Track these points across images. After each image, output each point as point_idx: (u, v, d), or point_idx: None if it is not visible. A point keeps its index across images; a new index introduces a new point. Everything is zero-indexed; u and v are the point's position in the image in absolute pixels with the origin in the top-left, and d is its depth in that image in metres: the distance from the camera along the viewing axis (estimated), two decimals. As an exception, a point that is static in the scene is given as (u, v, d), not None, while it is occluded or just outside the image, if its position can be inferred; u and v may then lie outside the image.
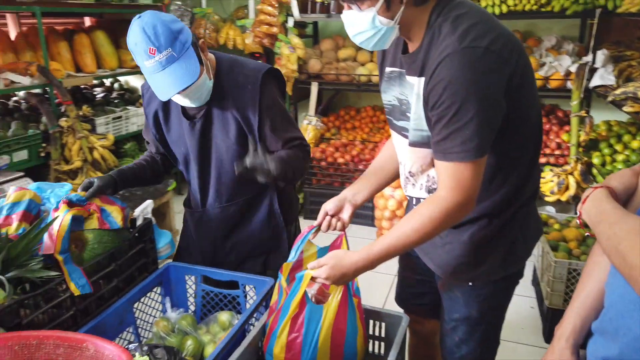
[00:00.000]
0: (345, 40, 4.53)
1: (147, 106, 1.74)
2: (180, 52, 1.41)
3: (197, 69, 1.44)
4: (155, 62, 1.39)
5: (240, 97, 1.60)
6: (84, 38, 3.90)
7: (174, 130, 1.73)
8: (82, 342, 1.15)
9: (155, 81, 1.44)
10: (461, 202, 1.18)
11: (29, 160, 3.19)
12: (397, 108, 1.36)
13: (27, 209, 1.52)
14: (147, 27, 1.38)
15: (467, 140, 1.13)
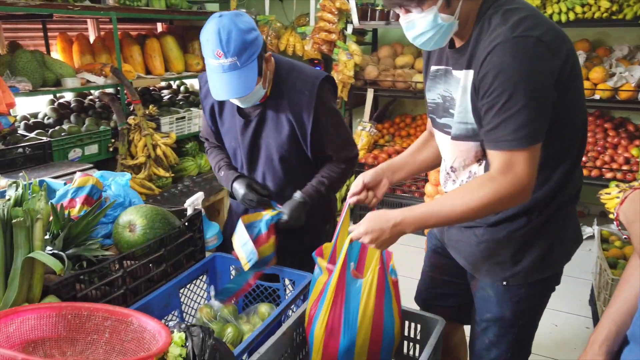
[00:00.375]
0: (404, 47, 4.53)
1: (205, 98, 1.80)
2: (244, 63, 1.47)
3: (254, 82, 1.50)
4: (218, 64, 1.45)
5: (297, 100, 1.65)
6: (155, 42, 4.14)
7: (227, 123, 1.79)
8: (127, 316, 1.24)
9: (213, 79, 1.51)
10: (515, 189, 1.16)
11: (98, 154, 3.42)
12: (440, 106, 1.36)
13: (89, 193, 1.65)
14: (222, 30, 1.43)
15: (519, 128, 1.12)
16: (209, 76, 1.53)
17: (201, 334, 1.11)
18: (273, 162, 1.76)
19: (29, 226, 1.21)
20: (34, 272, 1.23)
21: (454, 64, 1.29)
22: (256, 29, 1.52)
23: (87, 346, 1.21)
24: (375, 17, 4.22)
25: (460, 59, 1.26)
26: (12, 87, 2.78)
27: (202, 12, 4.36)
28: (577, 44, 3.97)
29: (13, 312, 1.12)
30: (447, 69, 1.32)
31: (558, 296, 2.89)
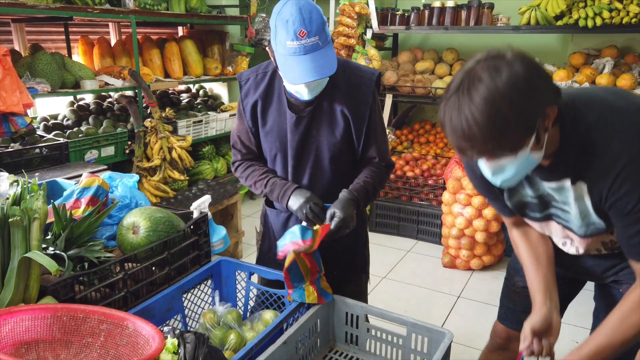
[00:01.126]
0: (424, 52, 4.46)
1: (245, 97, 1.69)
2: (324, 43, 1.42)
3: (335, 62, 1.44)
4: (300, 44, 1.38)
5: (353, 96, 1.60)
6: (174, 46, 4.17)
7: (270, 123, 1.68)
8: (123, 320, 1.21)
9: (290, 64, 1.42)
10: None
11: (114, 156, 3.45)
12: (533, 204, 1.34)
13: (94, 194, 1.63)
14: (304, 9, 1.37)
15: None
16: (285, 62, 1.43)
17: (195, 341, 1.08)
18: (322, 163, 1.68)
19: (26, 225, 1.19)
20: (31, 272, 1.21)
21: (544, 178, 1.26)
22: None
23: (81, 349, 1.19)
24: (395, 22, 4.17)
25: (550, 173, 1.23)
26: (31, 88, 2.82)
27: (221, 17, 4.38)
28: (605, 50, 3.84)
29: (7, 312, 1.10)
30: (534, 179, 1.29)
31: (580, 313, 2.79)
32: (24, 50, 3.56)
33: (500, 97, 1.00)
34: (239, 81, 1.73)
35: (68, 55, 3.83)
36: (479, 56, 1.09)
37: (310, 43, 1.38)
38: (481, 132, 1.02)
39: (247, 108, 1.69)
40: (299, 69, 1.41)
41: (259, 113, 1.69)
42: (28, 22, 3.69)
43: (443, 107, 1.07)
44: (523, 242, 1.47)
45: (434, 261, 3.68)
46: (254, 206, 4.80)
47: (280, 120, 1.66)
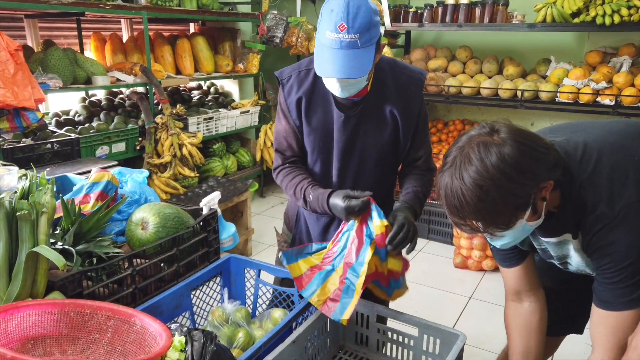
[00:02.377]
0: (437, 50, 4.41)
1: (289, 95, 1.62)
2: (364, 44, 1.36)
3: (369, 67, 1.38)
4: (337, 38, 1.34)
5: (402, 95, 1.56)
6: (186, 43, 4.16)
7: (316, 120, 1.62)
8: (130, 316, 1.20)
9: (324, 54, 1.38)
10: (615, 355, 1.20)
11: (125, 152, 3.45)
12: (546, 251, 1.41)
13: (104, 189, 1.62)
14: (352, 3, 1.33)
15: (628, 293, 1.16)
16: (320, 52, 1.39)
17: (202, 339, 1.06)
18: (367, 164, 1.63)
19: (34, 220, 1.18)
20: (39, 267, 1.20)
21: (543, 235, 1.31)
22: (378, 13, 1.41)
23: (88, 345, 1.18)
24: (408, 19, 4.13)
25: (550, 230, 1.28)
26: (43, 83, 2.83)
27: (233, 13, 4.36)
28: (623, 48, 3.77)
29: (14, 307, 1.09)
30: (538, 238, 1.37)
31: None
32: (36, 46, 3.57)
33: (489, 180, 1.05)
34: (280, 79, 1.65)
35: (80, 51, 3.83)
36: (473, 131, 1.14)
37: (347, 39, 1.33)
38: (471, 212, 1.08)
39: (292, 106, 1.62)
40: (329, 62, 1.37)
41: (303, 110, 1.62)
42: (41, 18, 3.70)
43: (439, 179, 1.14)
44: (517, 328, 1.50)
45: (445, 261, 3.64)
46: (263, 204, 4.79)
47: (326, 119, 1.60)
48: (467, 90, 3.96)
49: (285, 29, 4.60)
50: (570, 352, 2.42)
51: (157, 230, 1.53)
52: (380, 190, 1.65)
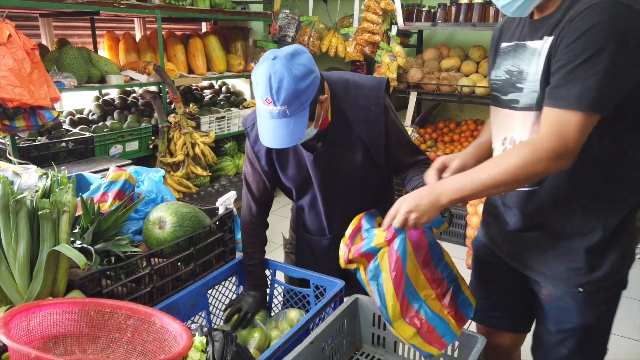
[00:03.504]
0: (450, 50, 4.38)
1: (255, 144, 1.61)
2: (294, 112, 1.33)
3: (303, 131, 1.36)
4: (267, 109, 1.33)
5: (364, 119, 1.53)
6: (198, 42, 4.17)
7: (290, 166, 1.62)
8: (150, 316, 1.20)
9: (261, 123, 1.39)
10: (557, 150, 1.08)
11: (138, 151, 3.46)
12: (507, 82, 1.30)
13: (121, 188, 1.63)
14: (274, 77, 1.30)
15: (586, 90, 1.04)
16: (258, 118, 1.40)
17: (223, 340, 1.06)
18: (351, 188, 1.63)
19: (55, 218, 1.19)
20: (59, 266, 1.21)
21: (532, 35, 1.22)
22: (313, 70, 1.34)
23: (108, 344, 1.18)
24: (421, 19, 4.10)
25: (540, 29, 1.19)
26: (58, 82, 2.85)
27: (245, 13, 4.37)
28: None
29: (35, 305, 1.10)
30: (519, 43, 1.26)
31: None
32: (51, 45, 3.60)
33: None
34: (244, 127, 1.65)
35: (94, 50, 3.86)
36: None
37: (276, 111, 1.31)
38: None
39: (261, 154, 1.61)
40: (265, 130, 1.37)
41: (275, 159, 1.61)
42: (55, 17, 3.73)
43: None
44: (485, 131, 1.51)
45: (458, 262, 3.58)
46: (275, 203, 4.78)
47: (298, 160, 1.60)
48: (481, 90, 3.93)
49: (297, 28, 4.59)
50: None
51: (174, 230, 1.53)
52: (373, 200, 1.65)
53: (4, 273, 1.17)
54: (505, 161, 1.13)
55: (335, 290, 1.51)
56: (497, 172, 1.13)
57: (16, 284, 1.18)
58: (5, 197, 1.18)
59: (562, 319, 1.36)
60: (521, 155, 1.11)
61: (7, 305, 1.18)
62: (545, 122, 1.12)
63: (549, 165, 1.10)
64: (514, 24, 1.34)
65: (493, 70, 1.39)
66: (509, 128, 1.33)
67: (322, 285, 1.61)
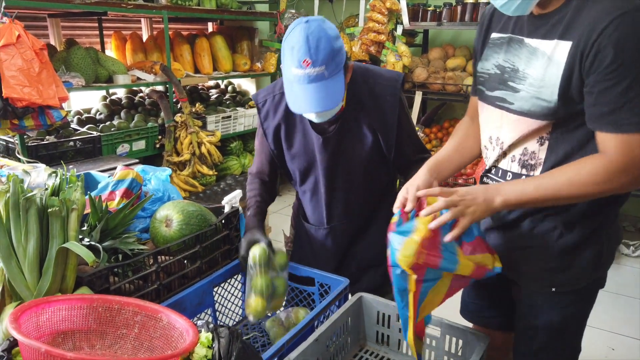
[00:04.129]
0: (456, 49, 4.38)
1: (265, 120, 1.62)
2: (331, 73, 1.33)
3: (341, 94, 1.35)
4: (304, 74, 1.31)
5: (379, 107, 1.54)
6: (204, 42, 4.20)
7: (297, 146, 1.62)
8: (157, 312, 1.21)
9: (294, 91, 1.36)
10: (629, 170, 1.06)
11: (145, 150, 3.49)
12: (495, 77, 1.27)
13: (129, 187, 1.65)
14: (311, 37, 1.29)
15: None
16: (290, 88, 1.37)
17: (229, 336, 1.07)
18: (355, 177, 1.63)
19: (64, 216, 1.21)
20: (68, 263, 1.23)
21: (531, 32, 1.18)
22: (340, 37, 1.37)
23: (116, 340, 1.20)
24: (426, 18, 4.11)
25: (542, 26, 1.15)
26: (66, 82, 2.88)
27: (251, 13, 4.38)
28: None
29: (45, 301, 1.12)
30: (514, 37, 1.22)
31: (615, 318, 2.71)
32: (59, 45, 3.63)
33: None
34: (256, 103, 1.65)
35: (101, 50, 3.89)
36: None
37: (314, 73, 1.30)
38: None
39: (269, 131, 1.62)
40: (302, 98, 1.34)
41: (282, 137, 1.62)
42: (63, 17, 3.76)
43: None
44: (461, 131, 1.48)
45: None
46: (280, 202, 4.81)
47: (306, 141, 1.59)
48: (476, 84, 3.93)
49: (303, 28, 4.60)
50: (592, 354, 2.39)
51: (180, 228, 1.55)
52: (373, 195, 1.65)
53: (14, 269, 1.19)
54: (574, 174, 1.10)
55: (340, 288, 1.52)
56: (562, 185, 1.10)
57: (26, 280, 1.20)
58: (15, 195, 1.20)
59: (530, 316, 1.37)
60: (594, 170, 1.08)
61: (17, 301, 1.20)
62: (611, 147, 1.08)
63: (620, 183, 1.08)
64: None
65: (480, 62, 1.34)
66: (494, 127, 1.30)
67: (327, 283, 1.62)
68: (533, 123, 1.19)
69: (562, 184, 1.10)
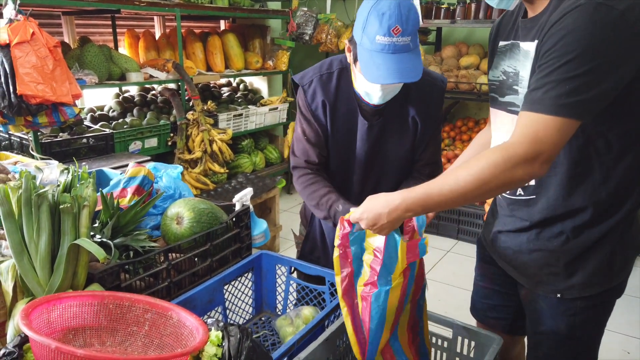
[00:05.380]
0: (469, 47, 4.34)
1: (313, 100, 1.56)
2: (415, 46, 1.31)
3: (422, 69, 1.32)
4: (391, 42, 1.27)
5: (425, 102, 1.54)
6: (216, 40, 4.20)
7: (339, 126, 1.58)
8: (167, 310, 1.21)
9: (376, 60, 1.30)
10: (530, 154, 1.01)
11: (157, 148, 3.50)
12: (504, 83, 1.27)
13: (140, 184, 1.65)
14: (403, 5, 1.26)
15: (563, 95, 0.99)
16: (369, 58, 1.30)
17: (239, 335, 1.06)
18: (388, 173, 1.63)
19: (75, 213, 1.21)
20: (79, 259, 1.23)
21: (524, 35, 1.19)
22: None
23: (126, 337, 1.20)
24: (439, 16, 4.07)
25: (531, 29, 1.16)
26: (80, 79, 2.89)
27: (263, 10, 4.38)
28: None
29: (56, 298, 1.12)
30: (515, 42, 1.22)
31: (631, 321, 2.66)
32: (73, 43, 3.66)
33: None
34: (301, 85, 1.58)
35: (114, 48, 3.91)
36: None
37: (401, 42, 1.27)
38: None
39: (319, 110, 1.55)
40: (384, 68, 1.29)
41: (328, 115, 1.56)
42: (77, 15, 3.79)
43: None
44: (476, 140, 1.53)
45: (471, 260, 3.58)
46: (290, 201, 4.80)
47: (349, 126, 1.56)
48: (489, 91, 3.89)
49: (314, 26, 4.59)
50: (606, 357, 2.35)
51: (191, 225, 1.55)
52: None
53: (26, 266, 1.19)
54: (474, 168, 1.03)
55: (351, 287, 1.51)
56: (464, 182, 1.04)
57: (37, 276, 1.20)
58: (27, 191, 1.20)
59: (536, 321, 1.35)
60: (493, 162, 1.02)
61: (29, 297, 1.20)
62: (519, 126, 1.05)
63: (522, 172, 1.02)
64: (511, 21, 1.29)
65: (491, 70, 1.35)
66: (505, 131, 1.29)
67: (338, 282, 1.61)
68: None
69: (465, 180, 1.04)
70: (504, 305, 1.54)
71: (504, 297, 1.51)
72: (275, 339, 1.62)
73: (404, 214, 1.11)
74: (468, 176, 1.04)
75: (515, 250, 1.33)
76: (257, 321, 1.73)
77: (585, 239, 1.21)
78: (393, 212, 1.11)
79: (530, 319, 1.38)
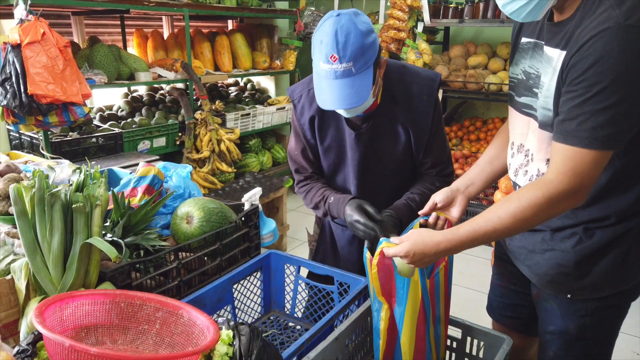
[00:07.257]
0: (477, 47, 4.32)
1: (302, 116, 1.61)
2: (359, 69, 1.30)
3: (368, 91, 1.32)
4: (331, 69, 1.29)
5: (414, 107, 1.51)
6: (224, 39, 4.21)
7: (329, 139, 1.61)
8: (178, 309, 1.22)
9: (321, 86, 1.35)
10: (571, 189, 1.04)
11: (166, 147, 3.52)
12: (522, 83, 1.26)
13: (150, 183, 1.66)
14: (340, 32, 1.26)
15: (598, 127, 1.00)
16: (318, 82, 1.36)
17: (249, 334, 1.07)
18: (385, 178, 1.63)
19: (88, 212, 1.22)
20: (91, 258, 1.24)
21: (549, 39, 1.16)
22: (374, 31, 1.33)
23: (137, 335, 1.21)
24: (448, 15, 4.06)
25: (556, 35, 1.13)
26: (89, 79, 2.91)
27: (271, 10, 4.39)
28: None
29: (69, 296, 1.13)
30: (538, 42, 1.20)
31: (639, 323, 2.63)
32: (82, 42, 3.68)
33: None
34: (292, 99, 1.63)
35: (123, 48, 3.93)
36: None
37: (341, 69, 1.27)
38: None
39: (306, 126, 1.60)
40: (327, 93, 1.32)
41: (316, 129, 1.60)
42: (87, 15, 3.82)
43: None
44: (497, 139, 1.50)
45: (483, 263, 3.58)
46: (298, 200, 4.81)
47: (338, 136, 1.58)
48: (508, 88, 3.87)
49: (322, 25, 4.59)
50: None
51: (201, 225, 1.56)
52: (399, 195, 1.63)
53: (38, 264, 1.20)
54: (516, 209, 1.09)
55: (360, 287, 1.51)
56: (507, 221, 1.10)
57: (50, 274, 1.21)
58: (40, 190, 1.22)
59: (547, 320, 1.35)
60: (534, 202, 1.07)
61: (42, 296, 1.22)
62: (556, 161, 1.07)
63: (564, 206, 1.08)
64: None
65: (511, 67, 1.33)
66: (521, 135, 1.29)
67: (346, 282, 1.61)
68: (548, 136, 1.17)
69: (505, 222, 1.10)
70: (519, 305, 1.54)
71: (520, 296, 1.51)
72: (284, 339, 1.62)
73: (448, 253, 1.18)
74: (510, 218, 1.10)
75: (530, 249, 1.33)
76: (266, 320, 1.73)
77: (598, 240, 1.20)
78: (440, 253, 1.17)
79: (541, 319, 1.38)
